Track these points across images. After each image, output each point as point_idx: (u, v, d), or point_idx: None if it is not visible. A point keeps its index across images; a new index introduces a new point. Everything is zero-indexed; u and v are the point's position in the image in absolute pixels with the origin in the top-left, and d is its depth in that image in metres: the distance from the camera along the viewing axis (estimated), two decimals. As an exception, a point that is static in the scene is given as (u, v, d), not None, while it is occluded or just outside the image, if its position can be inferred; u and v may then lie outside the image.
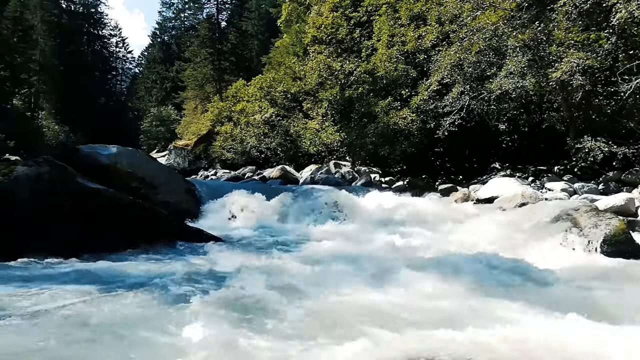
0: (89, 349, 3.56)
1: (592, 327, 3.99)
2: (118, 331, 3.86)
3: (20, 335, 3.72)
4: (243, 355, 3.47)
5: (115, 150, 11.26)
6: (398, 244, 8.20)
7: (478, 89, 14.87)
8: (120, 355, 3.46)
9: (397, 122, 17.01)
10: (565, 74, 12.22)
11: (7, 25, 20.75)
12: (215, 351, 3.49)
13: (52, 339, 3.64)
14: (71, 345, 3.60)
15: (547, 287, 5.43)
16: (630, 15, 10.90)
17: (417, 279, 5.52)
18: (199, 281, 5.49)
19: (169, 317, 4.20)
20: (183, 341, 3.66)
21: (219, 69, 39.45)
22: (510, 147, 15.49)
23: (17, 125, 14.93)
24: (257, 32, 44.59)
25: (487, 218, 9.44)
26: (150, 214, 8.04)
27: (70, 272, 5.84)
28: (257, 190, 12.20)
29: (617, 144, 12.53)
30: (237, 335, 3.77)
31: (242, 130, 26.23)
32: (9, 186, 6.60)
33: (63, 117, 34.26)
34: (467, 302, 4.74)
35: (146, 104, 48.89)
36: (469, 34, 14.51)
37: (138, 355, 3.45)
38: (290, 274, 5.70)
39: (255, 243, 8.43)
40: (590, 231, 6.99)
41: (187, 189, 11.79)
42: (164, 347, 3.57)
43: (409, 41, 18.11)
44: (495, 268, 6.17)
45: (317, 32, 21.49)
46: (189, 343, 3.60)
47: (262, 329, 3.95)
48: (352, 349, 3.48)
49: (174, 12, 55.79)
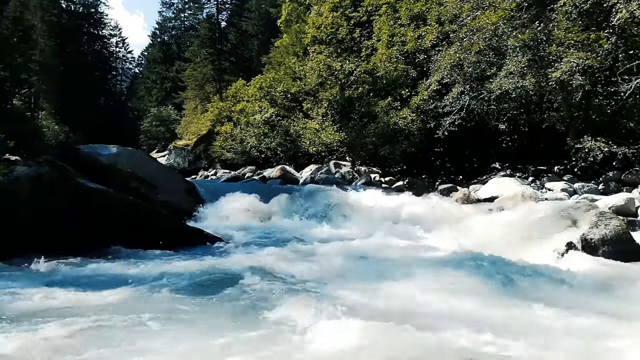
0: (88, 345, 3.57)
1: (592, 327, 3.99)
2: (117, 330, 3.87)
3: (19, 334, 3.73)
4: (243, 354, 3.47)
5: (115, 150, 11.28)
6: (398, 244, 8.20)
7: (478, 89, 14.86)
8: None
9: (397, 122, 17.01)
10: (565, 74, 12.22)
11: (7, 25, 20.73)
12: (215, 351, 3.49)
13: (53, 338, 3.64)
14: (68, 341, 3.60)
15: (547, 288, 5.42)
16: (630, 15, 10.90)
17: (417, 279, 5.52)
18: (199, 281, 5.48)
19: (168, 316, 4.20)
20: (176, 342, 3.65)
21: (219, 69, 39.44)
22: (510, 147, 15.49)
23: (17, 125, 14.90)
24: (257, 32, 44.56)
25: (487, 218, 9.43)
26: (150, 214, 8.03)
27: (70, 271, 5.84)
28: (257, 190, 12.20)
29: (617, 144, 12.53)
30: (236, 335, 3.78)
31: (242, 130, 26.22)
32: (9, 186, 6.60)
33: (63, 117, 34.14)
34: (463, 302, 4.73)
35: (146, 104, 48.87)
36: (468, 34, 14.51)
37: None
38: (290, 273, 5.70)
39: (255, 243, 8.42)
40: (590, 231, 6.98)
41: (187, 189, 11.79)
42: (158, 345, 3.57)
43: (409, 41, 18.11)
44: (494, 268, 6.17)
45: (317, 32, 21.47)
46: (185, 342, 3.60)
47: (261, 328, 3.95)
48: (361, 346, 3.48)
49: (174, 12, 55.78)
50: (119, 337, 3.74)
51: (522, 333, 3.81)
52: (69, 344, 3.60)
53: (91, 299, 4.69)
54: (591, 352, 3.49)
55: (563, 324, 4.09)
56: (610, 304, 4.81)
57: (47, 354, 3.42)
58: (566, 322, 4.16)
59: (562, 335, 3.78)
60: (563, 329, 3.93)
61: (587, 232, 6.99)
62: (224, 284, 5.33)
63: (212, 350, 3.51)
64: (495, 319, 4.11)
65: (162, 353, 3.48)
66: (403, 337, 3.71)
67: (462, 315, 4.26)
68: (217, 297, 4.82)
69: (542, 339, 3.73)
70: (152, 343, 3.64)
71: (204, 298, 4.79)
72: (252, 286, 5.19)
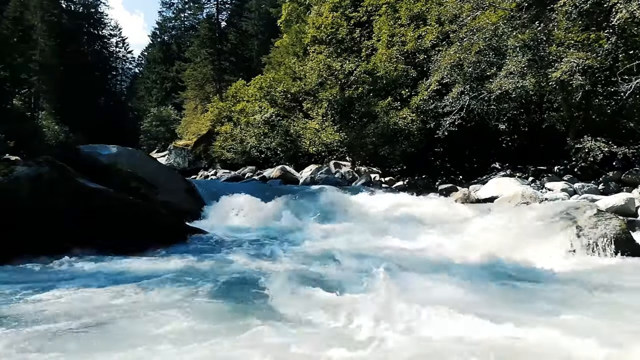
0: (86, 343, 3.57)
1: (592, 327, 3.99)
2: (115, 329, 3.87)
3: (19, 332, 3.73)
4: (243, 354, 3.47)
5: (115, 150, 11.28)
6: (397, 244, 8.19)
7: (478, 89, 14.86)
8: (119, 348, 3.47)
9: (397, 122, 17.01)
10: (565, 74, 12.22)
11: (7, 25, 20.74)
12: (214, 351, 3.49)
13: (53, 336, 3.64)
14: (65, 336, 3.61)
15: (546, 288, 5.42)
16: (630, 15, 10.90)
17: (417, 279, 5.52)
18: (199, 280, 5.48)
19: (167, 316, 4.20)
20: (173, 338, 3.66)
21: (219, 69, 39.42)
22: (510, 147, 15.50)
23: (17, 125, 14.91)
24: (257, 32, 44.55)
25: (487, 218, 9.43)
26: (150, 214, 8.04)
27: (69, 271, 5.85)
28: (257, 190, 12.21)
29: (617, 144, 12.53)
30: (235, 334, 3.78)
31: (242, 130, 26.22)
32: (9, 186, 6.60)
33: (63, 117, 34.16)
34: (463, 302, 4.73)
35: (146, 104, 48.84)
36: (468, 34, 14.51)
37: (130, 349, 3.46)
38: (290, 273, 5.70)
39: (255, 242, 8.42)
40: (590, 231, 6.99)
41: (187, 189, 11.79)
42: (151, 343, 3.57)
43: (409, 41, 18.11)
44: (494, 268, 6.17)
45: (317, 32, 21.47)
46: (181, 341, 3.60)
47: (261, 327, 3.94)
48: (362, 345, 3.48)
49: (174, 12, 55.76)
50: (118, 336, 3.74)
51: (522, 333, 3.81)
52: (69, 343, 3.60)
53: (91, 299, 4.69)
54: (591, 352, 3.49)
55: (563, 323, 4.09)
56: (610, 304, 4.81)
57: (49, 350, 3.43)
58: (566, 322, 4.15)
59: (562, 335, 3.78)
60: (563, 328, 3.93)
61: (587, 232, 6.99)
62: (225, 283, 5.33)
63: (212, 350, 3.51)
64: (495, 319, 4.10)
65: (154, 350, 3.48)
66: (403, 336, 3.72)
67: (462, 316, 4.26)
68: (217, 297, 4.82)
69: (542, 338, 3.73)
70: (151, 343, 3.64)
71: (204, 298, 4.79)
72: (253, 286, 5.19)
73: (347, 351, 3.45)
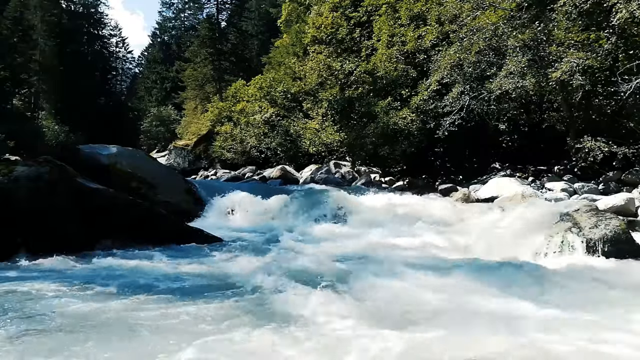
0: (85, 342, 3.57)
1: (592, 327, 3.99)
2: (114, 328, 3.87)
3: (19, 331, 3.73)
4: (243, 353, 3.47)
5: (115, 150, 11.27)
6: (397, 244, 8.20)
7: (478, 89, 14.86)
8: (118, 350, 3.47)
9: (397, 122, 17.00)
10: (565, 74, 12.21)
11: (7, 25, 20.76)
12: (214, 352, 3.49)
13: (54, 335, 3.64)
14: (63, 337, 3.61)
15: (545, 288, 5.42)
16: (630, 15, 10.90)
17: (416, 279, 5.52)
18: (199, 281, 5.49)
19: (166, 315, 4.20)
20: (176, 341, 3.65)
21: (219, 69, 39.43)
22: (510, 147, 15.48)
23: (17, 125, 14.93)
24: (257, 32, 44.57)
25: (487, 218, 9.43)
26: (150, 214, 8.04)
27: (68, 271, 5.85)
28: (257, 190, 12.19)
29: (617, 144, 12.52)
30: (235, 333, 3.78)
31: (242, 130, 26.21)
32: (9, 186, 6.60)
33: (63, 117, 34.17)
34: (464, 301, 4.73)
35: (146, 104, 48.84)
36: (468, 34, 14.50)
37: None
38: (289, 273, 5.69)
39: (255, 243, 8.43)
40: (590, 231, 6.98)
41: (187, 189, 11.79)
42: (152, 346, 3.57)
43: (409, 41, 18.10)
44: (494, 268, 6.17)
45: (317, 32, 21.46)
46: (181, 342, 3.60)
47: (260, 327, 3.95)
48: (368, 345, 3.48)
49: (174, 12, 55.87)
50: (119, 335, 3.75)
51: (522, 333, 3.81)
52: (69, 342, 3.60)
53: (91, 299, 4.69)
54: (591, 352, 3.49)
55: (563, 323, 4.09)
56: (610, 304, 4.81)
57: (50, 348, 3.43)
58: (566, 321, 4.15)
59: (562, 335, 3.78)
60: (563, 328, 3.93)
61: (587, 232, 6.99)
62: (224, 284, 5.33)
63: (212, 350, 3.51)
64: (494, 319, 4.10)
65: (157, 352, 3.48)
66: (403, 337, 3.72)
67: (462, 315, 4.26)
68: (216, 297, 4.81)
69: (541, 337, 3.73)
70: (151, 342, 3.64)
71: (204, 298, 4.79)
72: (253, 286, 5.19)
73: (346, 351, 3.45)
